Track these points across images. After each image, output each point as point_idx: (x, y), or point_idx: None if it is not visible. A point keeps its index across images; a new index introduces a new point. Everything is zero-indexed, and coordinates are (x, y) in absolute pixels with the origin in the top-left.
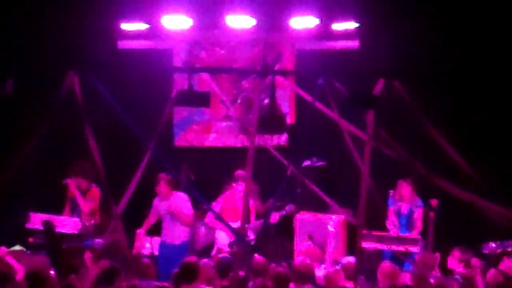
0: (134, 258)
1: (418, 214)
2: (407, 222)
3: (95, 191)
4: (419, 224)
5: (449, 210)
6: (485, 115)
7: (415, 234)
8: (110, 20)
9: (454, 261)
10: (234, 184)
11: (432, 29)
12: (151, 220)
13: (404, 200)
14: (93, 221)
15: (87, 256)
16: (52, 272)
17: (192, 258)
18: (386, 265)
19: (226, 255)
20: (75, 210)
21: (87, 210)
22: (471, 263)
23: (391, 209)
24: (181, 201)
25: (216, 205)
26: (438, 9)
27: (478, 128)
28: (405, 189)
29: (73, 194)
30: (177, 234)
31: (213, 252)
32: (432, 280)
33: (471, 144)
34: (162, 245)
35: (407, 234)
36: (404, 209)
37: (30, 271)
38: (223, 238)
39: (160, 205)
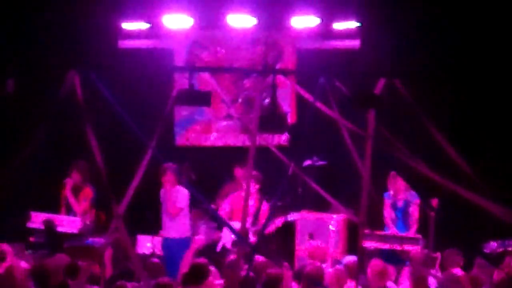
0: (142, 258)
1: (413, 209)
2: (403, 216)
3: (88, 191)
4: (415, 220)
5: (450, 210)
6: (486, 115)
7: (412, 231)
8: (111, 19)
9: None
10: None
11: (433, 29)
12: None
13: (398, 193)
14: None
15: (108, 253)
16: None
17: (201, 260)
18: (376, 263)
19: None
20: (71, 210)
21: (79, 211)
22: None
23: (387, 203)
24: (179, 194)
25: (226, 205)
26: (439, 9)
27: (479, 128)
28: (398, 181)
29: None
30: (177, 228)
31: (218, 249)
32: (430, 280)
33: (471, 144)
34: (165, 242)
35: (408, 234)
36: (400, 202)
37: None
38: (227, 236)
39: (164, 196)
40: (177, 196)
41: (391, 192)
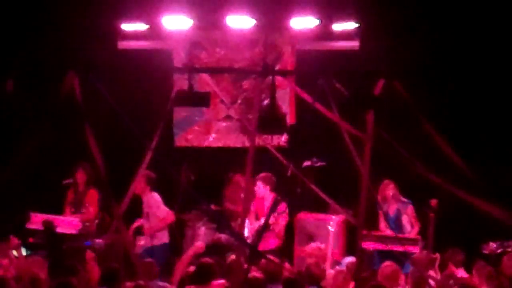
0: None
1: (405, 219)
2: (396, 224)
3: (93, 193)
4: (409, 227)
5: (449, 210)
6: (486, 116)
7: (413, 235)
8: (110, 20)
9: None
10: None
11: (432, 29)
12: None
13: (388, 201)
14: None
15: (89, 256)
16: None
17: (207, 259)
18: (387, 265)
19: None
20: (76, 211)
21: (91, 217)
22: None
23: (380, 213)
24: (155, 202)
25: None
26: (438, 9)
27: (478, 129)
28: (389, 189)
29: (72, 199)
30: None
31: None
32: (431, 282)
33: (470, 145)
34: (144, 247)
35: (406, 235)
36: (391, 211)
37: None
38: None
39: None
40: (157, 207)
41: (381, 201)
